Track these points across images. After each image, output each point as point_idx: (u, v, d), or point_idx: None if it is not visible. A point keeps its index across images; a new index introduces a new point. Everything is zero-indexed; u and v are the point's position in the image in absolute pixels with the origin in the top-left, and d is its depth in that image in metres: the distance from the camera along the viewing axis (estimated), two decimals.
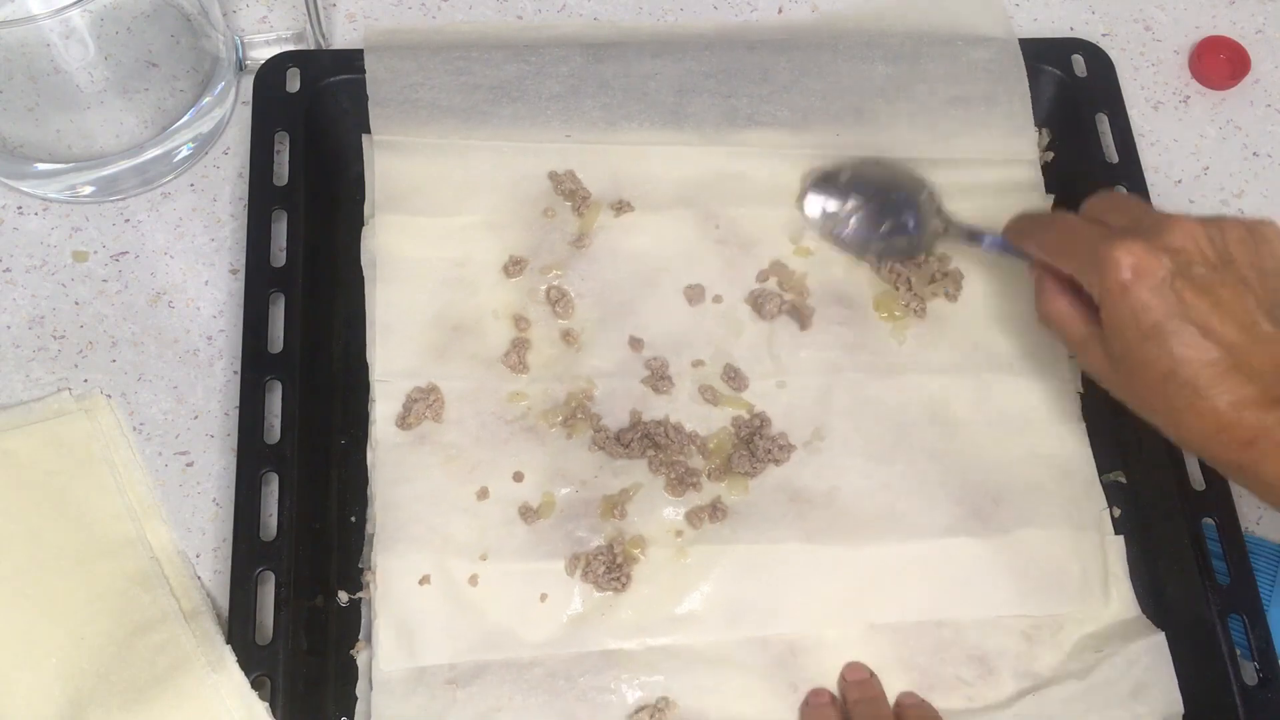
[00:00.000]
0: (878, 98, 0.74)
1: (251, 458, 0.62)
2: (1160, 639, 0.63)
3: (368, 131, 0.72)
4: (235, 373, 0.67)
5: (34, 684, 0.59)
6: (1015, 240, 0.65)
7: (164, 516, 0.64)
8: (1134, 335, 0.55)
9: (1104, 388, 0.60)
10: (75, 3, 0.61)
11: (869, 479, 0.66)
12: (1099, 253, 0.56)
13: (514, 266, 0.70)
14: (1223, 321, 0.54)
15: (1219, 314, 0.54)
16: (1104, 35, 0.82)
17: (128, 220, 0.72)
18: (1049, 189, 0.75)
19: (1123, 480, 0.68)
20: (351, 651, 0.61)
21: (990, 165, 0.75)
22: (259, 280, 0.67)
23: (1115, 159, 0.74)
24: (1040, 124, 0.76)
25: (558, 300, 0.69)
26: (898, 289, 0.71)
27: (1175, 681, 0.63)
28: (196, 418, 0.67)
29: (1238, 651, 0.61)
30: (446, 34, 0.78)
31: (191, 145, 0.73)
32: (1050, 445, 0.68)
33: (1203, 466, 0.65)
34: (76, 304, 0.69)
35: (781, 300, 0.70)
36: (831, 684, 0.62)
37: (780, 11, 0.82)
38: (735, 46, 0.75)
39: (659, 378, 0.68)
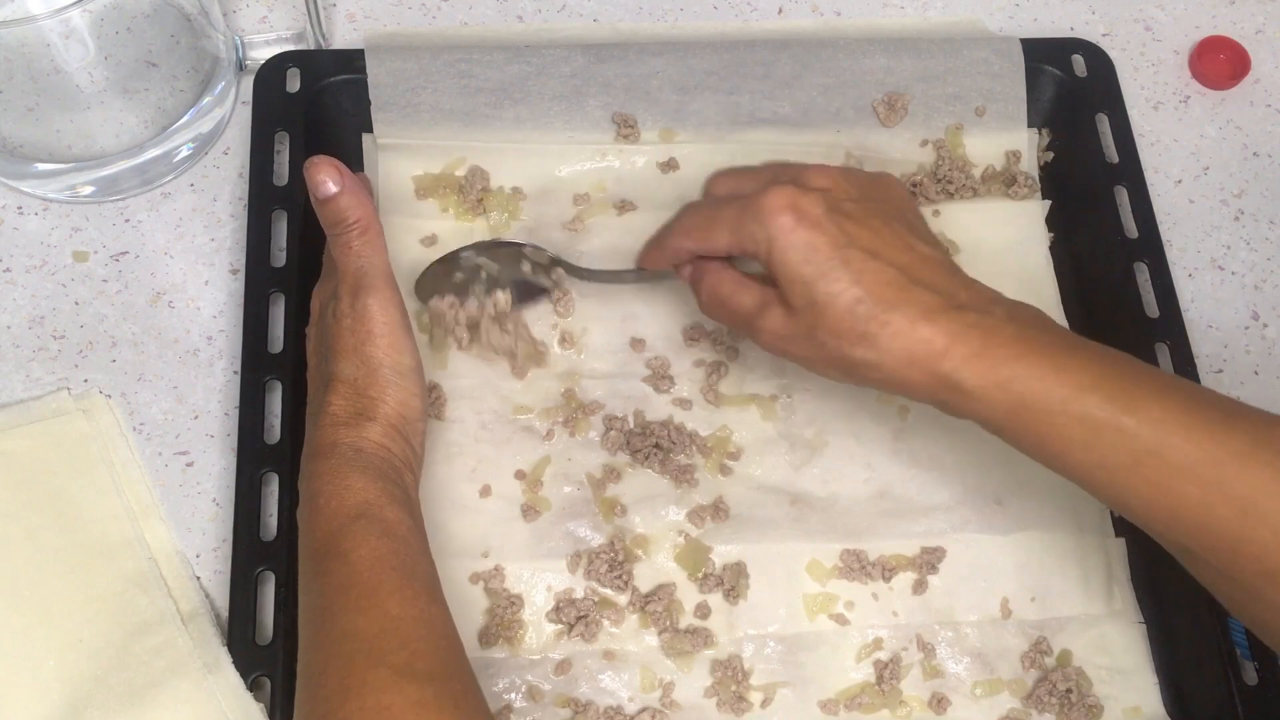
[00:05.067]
0: (877, 94, 0.74)
1: (251, 458, 0.62)
2: (1140, 629, 0.64)
3: (368, 131, 0.72)
4: (235, 373, 0.67)
5: (32, 686, 0.58)
6: (654, 253, 0.64)
7: (162, 517, 0.64)
8: (811, 274, 0.55)
9: (791, 358, 0.59)
10: (75, 3, 0.61)
11: (870, 481, 0.66)
12: (754, 208, 0.57)
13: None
14: (885, 246, 0.56)
15: (879, 240, 0.56)
16: (1104, 35, 0.82)
17: (128, 220, 0.72)
18: (1048, 189, 0.75)
19: None
20: None
21: (987, 163, 0.75)
22: (259, 280, 0.67)
23: (1115, 159, 0.74)
24: (1040, 124, 0.76)
25: (559, 299, 0.69)
26: None
27: (1151, 668, 0.64)
28: (196, 418, 0.67)
29: (1238, 651, 0.61)
30: (447, 36, 0.78)
31: (191, 145, 0.73)
32: None
33: None
34: (76, 304, 0.69)
35: None
36: (830, 685, 0.62)
37: (780, 12, 0.82)
38: (736, 43, 0.75)
39: (659, 377, 0.68)
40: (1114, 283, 0.71)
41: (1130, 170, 0.74)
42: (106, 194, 0.72)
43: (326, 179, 0.57)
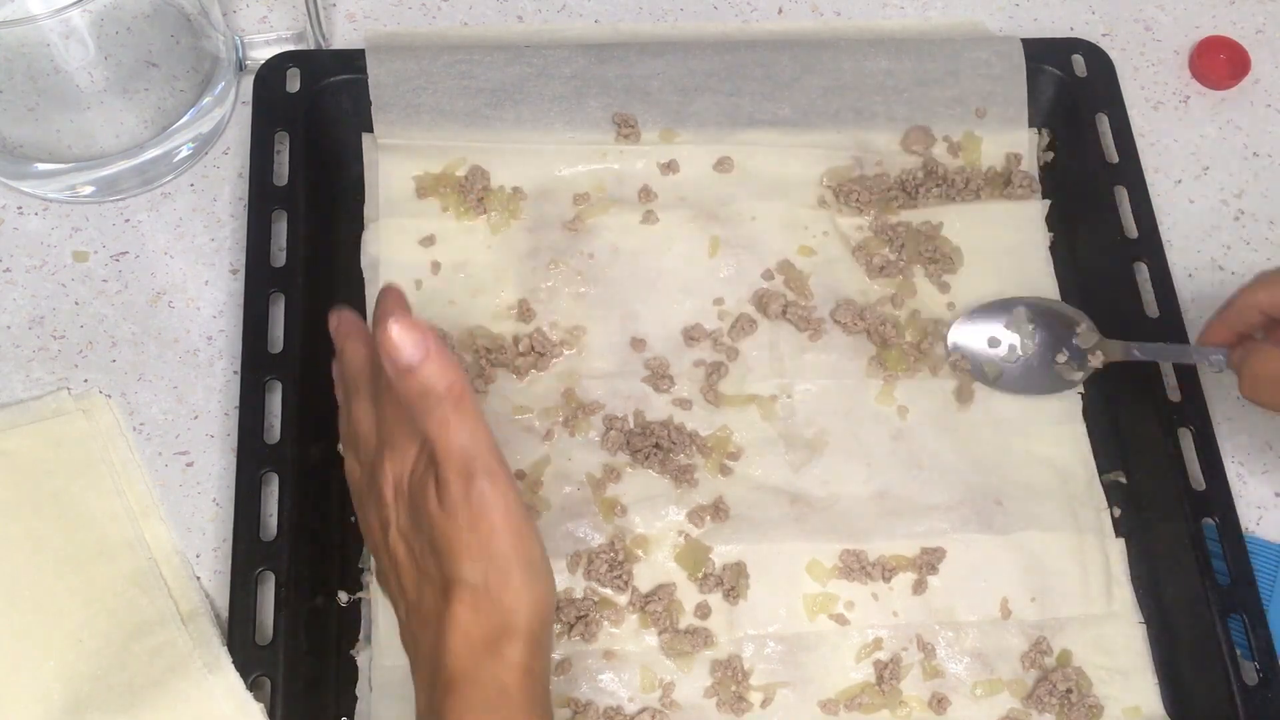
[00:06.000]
0: (876, 96, 0.74)
1: (251, 458, 0.62)
2: (1140, 629, 0.64)
3: (368, 131, 0.72)
4: (235, 373, 0.67)
5: (32, 686, 0.58)
6: (1218, 322, 0.63)
7: (162, 517, 0.64)
8: None
9: None
10: (75, 3, 0.61)
11: (870, 482, 0.66)
12: None
13: (515, 267, 0.70)
14: None
15: None
16: (1104, 35, 0.82)
17: (128, 220, 0.72)
18: (1049, 189, 0.75)
19: (1123, 480, 0.68)
20: (351, 651, 0.61)
21: (988, 164, 0.75)
22: (259, 280, 0.67)
23: (1115, 159, 0.74)
24: (1040, 124, 0.76)
25: (559, 299, 0.69)
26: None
27: (1151, 668, 0.64)
28: (196, 418, 0.67)
29: (1238, 651, 0.61)
30: (447, 36, 0.78)
31: (191, 145, 0.73)
32: (1051, 446, 0.68)
33: (1203, 467, 0.65)
34: (76, 304, 0.69)
35: (785, 301, 0.70)
36: (830, 685, 0.62)
37: (780, 12, 0.82)
38: (736, 44, 0.75)
39: (659, 377, 0.68)
40: (1114, 282, 0.71)
41: (1130, 170, 0.74)
42: (106, 194, 0.72)
43: (408, 344, 0.47)
